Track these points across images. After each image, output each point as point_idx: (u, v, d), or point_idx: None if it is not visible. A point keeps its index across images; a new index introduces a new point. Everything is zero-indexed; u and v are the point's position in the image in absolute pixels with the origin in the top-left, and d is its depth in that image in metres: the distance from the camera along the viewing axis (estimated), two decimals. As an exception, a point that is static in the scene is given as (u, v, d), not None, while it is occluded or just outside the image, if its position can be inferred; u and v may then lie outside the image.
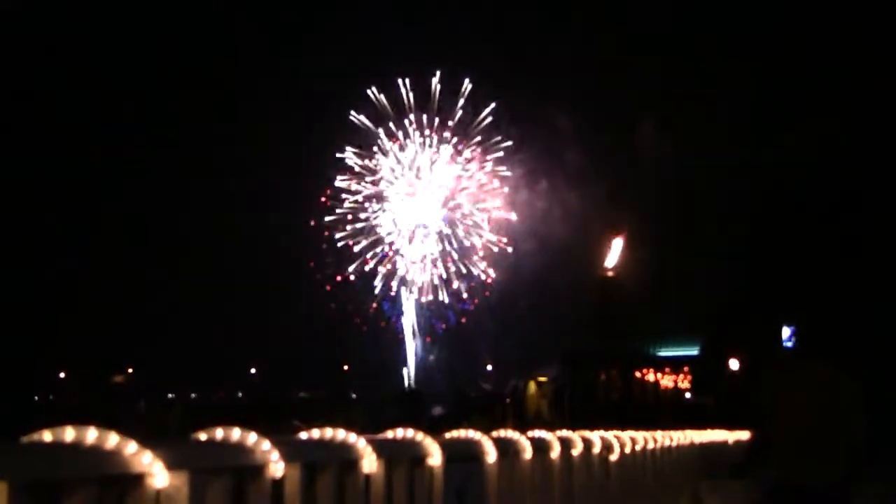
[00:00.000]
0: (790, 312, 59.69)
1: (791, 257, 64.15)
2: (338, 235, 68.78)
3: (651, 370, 72.47)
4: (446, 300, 68.53)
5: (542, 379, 58.07)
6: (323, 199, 69.40)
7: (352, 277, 68.76)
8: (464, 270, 68.64)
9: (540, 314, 67.44)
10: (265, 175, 76.07)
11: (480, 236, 69.01)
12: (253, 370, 78.63)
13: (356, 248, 69.17)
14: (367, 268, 68.95)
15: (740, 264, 66.89)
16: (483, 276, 68.98)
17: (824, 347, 7.66)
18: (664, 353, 71.75)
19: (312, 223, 68.92)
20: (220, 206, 73.95)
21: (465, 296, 68.85)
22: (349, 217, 69.65)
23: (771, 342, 58.83)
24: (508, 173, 67.35)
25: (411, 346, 68.93)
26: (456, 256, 69.01)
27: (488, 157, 68.02)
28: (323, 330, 71.09)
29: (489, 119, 68.93)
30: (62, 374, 71.32)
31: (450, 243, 69.17)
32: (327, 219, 69.13)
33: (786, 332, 59.87)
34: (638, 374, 72.04)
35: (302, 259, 70.18)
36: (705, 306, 69.02)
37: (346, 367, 75.01)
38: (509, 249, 67.70)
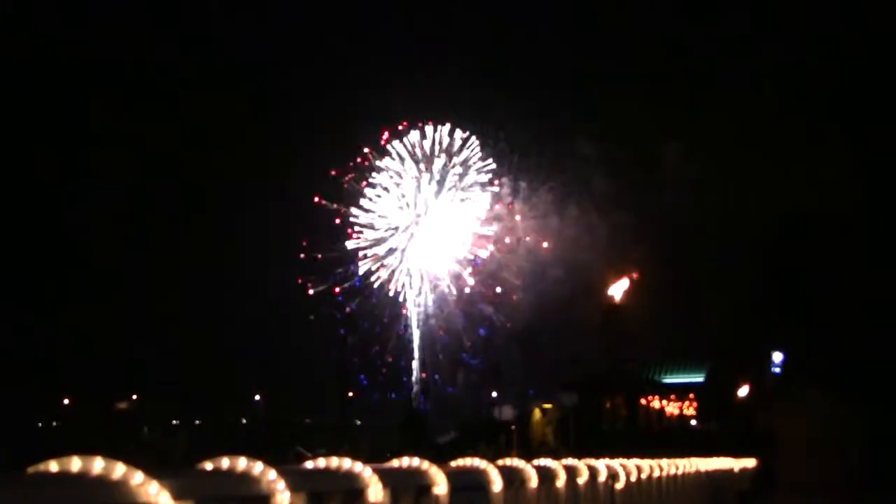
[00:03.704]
0: (782, 339, 59.67)
1: (789, 287, 64.29)
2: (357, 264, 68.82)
3: (656, 397, 72.16)
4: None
5: (547, 406, 57.92)
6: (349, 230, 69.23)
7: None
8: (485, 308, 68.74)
9: (548, 344, 67.43)
10: (272, 202, 76.01)
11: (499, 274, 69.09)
12: (258, 397, 78.40)
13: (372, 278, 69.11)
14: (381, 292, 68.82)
15: (744, 294, 66.80)
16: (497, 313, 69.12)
17: (813, 374, 7.70)
18: (669, 380, 71.45)
19: (319, 257, 68.78)
20: (225, 236, 73.94)
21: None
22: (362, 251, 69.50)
23: (762, 369, 58.75)
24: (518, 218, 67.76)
25: (416, 372, 68.78)
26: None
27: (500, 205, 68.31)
28: (328, 357, 70.93)
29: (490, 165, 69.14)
30: (66, 401, 71.22)
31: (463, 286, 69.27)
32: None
33: (777, 356, 59.77)
34: (643, 402, 71.76)
35: (309, 287, 70.11)
36: (711, 334, 68.83)
37: (350, 394, 74.78)
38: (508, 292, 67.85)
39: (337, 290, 68.23)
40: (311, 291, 67.12)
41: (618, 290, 63.01)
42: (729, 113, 69.10)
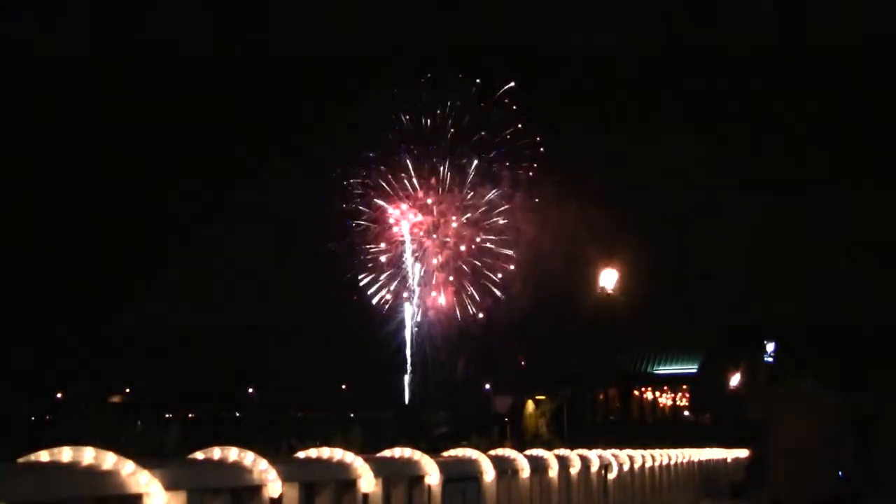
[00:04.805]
0: (774, 329, 59.96)
1: (783, 278, 64.68)
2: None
3: (649, 388, 72.38)
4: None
5: (541, 397, 57.97)
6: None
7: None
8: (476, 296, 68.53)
9: (540, 334, 67.48)
10: (267, 189, 75.76)
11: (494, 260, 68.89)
12: (251, 389, 78.45)
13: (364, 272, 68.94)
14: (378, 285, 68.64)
15: (738, 283, 67.08)
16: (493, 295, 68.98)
17: (804, 364, 7.67)
18: (662, 370, 71.64)
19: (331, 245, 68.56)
20: (219, 223, 73.72)
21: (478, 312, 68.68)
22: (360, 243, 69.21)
23: (754, 359, 58.83)
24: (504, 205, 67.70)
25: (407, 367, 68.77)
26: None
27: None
28: (322, 348, 70.85)
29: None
30: (59, 395, 71.14)
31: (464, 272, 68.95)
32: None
33: (770, 346, 60.01)
34: (636, 393, 71.96)
35: (303, 276, 69.99)
36: (704, 324, 69.00)
37: (343, 387, 74.86)
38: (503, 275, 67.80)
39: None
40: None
41: (609, 280, 63.06)
42: (728, 109, 69.57)
